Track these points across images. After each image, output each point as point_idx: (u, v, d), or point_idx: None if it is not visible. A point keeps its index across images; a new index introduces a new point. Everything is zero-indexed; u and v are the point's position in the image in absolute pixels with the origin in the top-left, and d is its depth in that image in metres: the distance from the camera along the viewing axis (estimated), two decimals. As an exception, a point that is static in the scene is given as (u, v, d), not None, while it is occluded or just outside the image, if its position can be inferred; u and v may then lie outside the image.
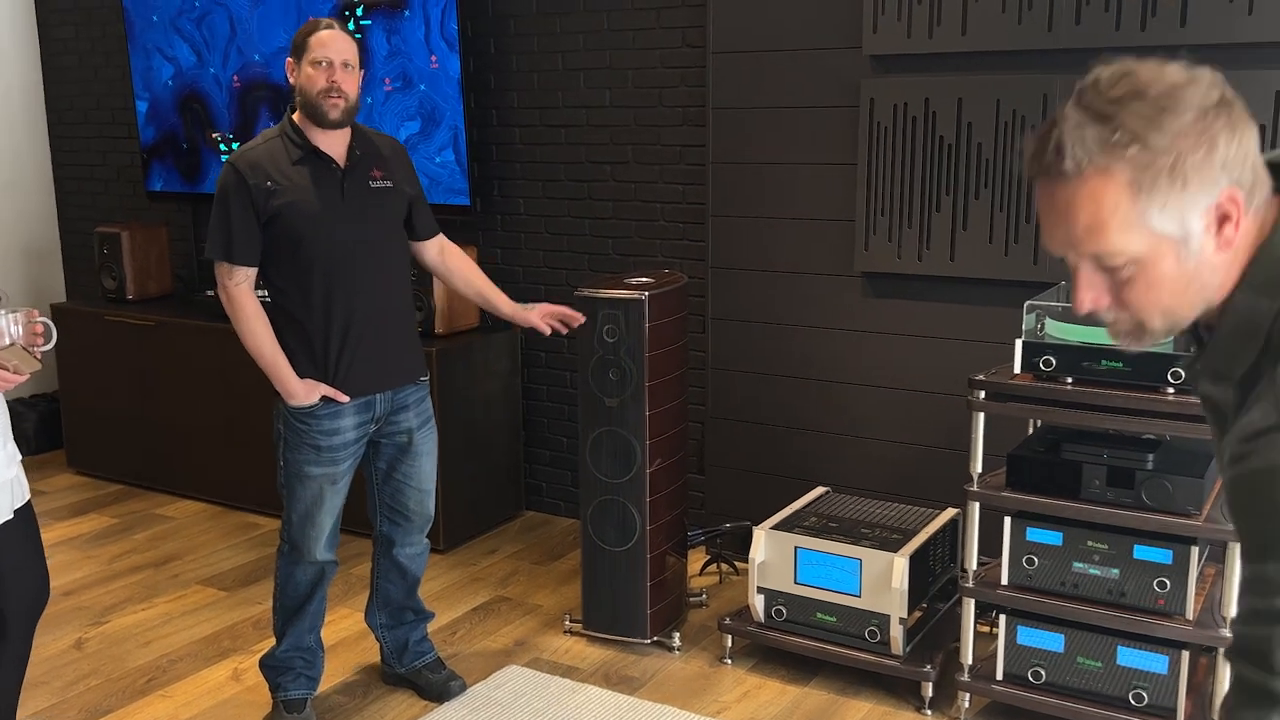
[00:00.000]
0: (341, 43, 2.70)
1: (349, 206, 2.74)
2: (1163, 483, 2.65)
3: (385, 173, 2.81)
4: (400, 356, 2.84)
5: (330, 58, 2.68)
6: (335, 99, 2.68)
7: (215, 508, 4.58)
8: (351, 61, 2.70)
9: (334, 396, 2.75)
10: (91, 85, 5.32)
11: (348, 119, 2.72)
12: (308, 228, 2.70)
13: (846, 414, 3.71)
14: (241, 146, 2.79)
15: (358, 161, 2.77)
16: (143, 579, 3.92)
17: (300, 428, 2.77)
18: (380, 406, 2.84)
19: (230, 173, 2.70)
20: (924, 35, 3.37)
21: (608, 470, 3.28)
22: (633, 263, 4.09)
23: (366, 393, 2.79)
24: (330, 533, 2.86)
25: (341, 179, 2.74)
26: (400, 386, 2.86)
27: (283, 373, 2.72)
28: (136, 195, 5.27)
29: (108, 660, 3.35)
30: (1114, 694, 2.76)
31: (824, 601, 3.12)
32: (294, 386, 2.72)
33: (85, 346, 4.87)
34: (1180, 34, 3.03)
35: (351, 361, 2.77)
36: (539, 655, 3.34)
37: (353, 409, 2.79)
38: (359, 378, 2.78)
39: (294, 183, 2.70)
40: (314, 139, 2.72)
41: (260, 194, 2.68)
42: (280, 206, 2.68)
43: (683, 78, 3.89)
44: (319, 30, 2.70)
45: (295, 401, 2.73)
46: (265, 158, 2.71)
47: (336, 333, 2.75)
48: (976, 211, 3.38)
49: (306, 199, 2.70)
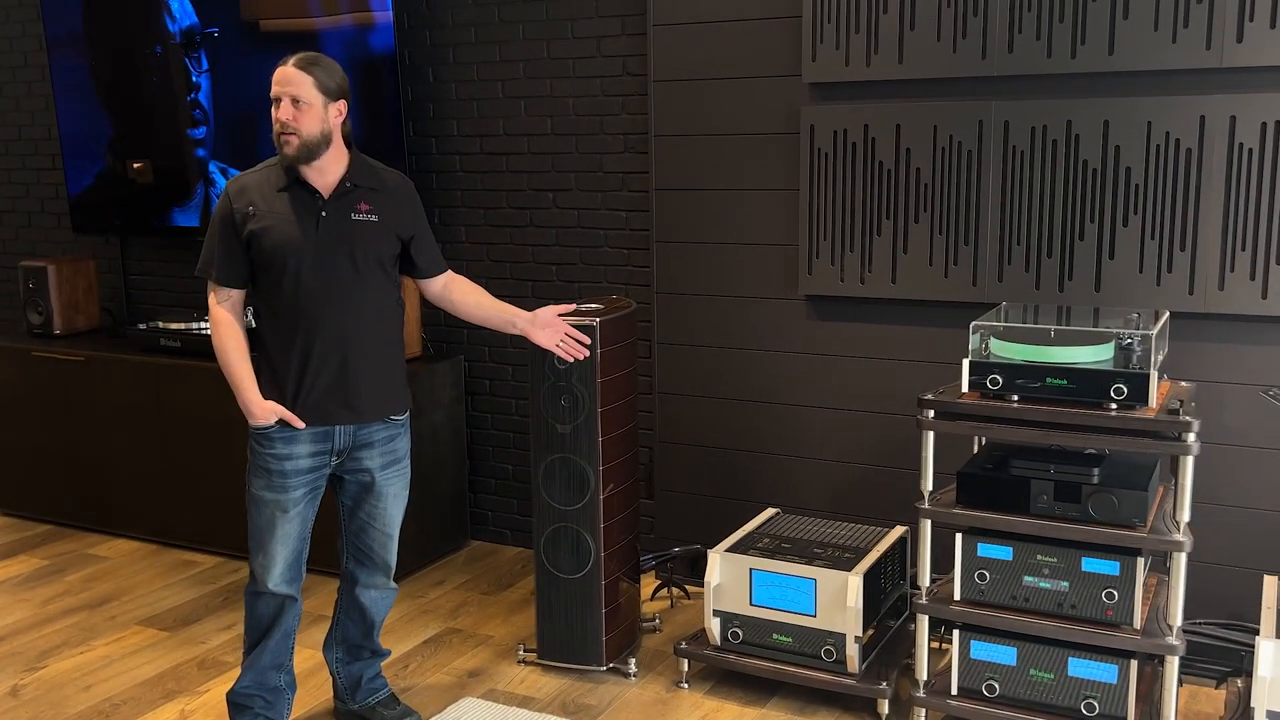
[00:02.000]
0: (293, 78, 2.69)
1: (323, 237, 2.74)
2: (1108, 496, 2.73)
3: (374, 207, 2.80)
4: (365, 392, 2.81)
5: (279, 95, 2.69)
6: (287, 135, 2.70)
7: (150, 546, 4.47)
8: (304, 96, 2.68)
9: (289, 420, 2.74)
10: (12, 116, 5.19)
11: (306, 154, 2.71)
12: (278, 254, 2.72)
13: (794, 435, 3.76)
14: (242, 171, 2.84)
15: (345, 194, 2.77)
16: (79, 621, 3.81)
17: (257, 449, 2.79)
18: (340, 439, 2.81)
19: (222, 196, 2.80)
20: (862, 63, 3.44)
21: (561, 497, 3.28)
22: (577, 289, 4.10)
23: (324, 423, 2.77)
24: (286, 564, 2.82)
25: (320, 210, 2.75)
26: (365, 423, 2.83)
27: (244, 390, 2.76)
28: (62, 228, 5.15)
29: (47, 706, 3.24)
30: (1066, 704, 2.82)
31: (780, 622, 3.15)
32: (253, 405, 2.75)
33: (10, 383, 4.73)
34: (1108, 61, 3.14)
35: (311, 389, 2.76)
36: (494, 686, 3.31)
37: (308, 436, 2.77)
38: (317, 407, 2.77)
39: (273, 209, 2.74)
40: (300, 169, 2.74)
41: (241, 217, 2.74)
42: (255, 230, 2.73)
43: (624, 105, 3.92)
44: (279, 67, 2.72)
45: (253, 421, 2.77)
46: (254, 184, 2.77)
47: (297, 359, 2.75)
48: (916, 235, 3.45)
49: (281, 225, 2.73)
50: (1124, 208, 3.19)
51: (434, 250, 2.97)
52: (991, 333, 2.93)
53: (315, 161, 2.74)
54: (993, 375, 2.83)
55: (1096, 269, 3.25)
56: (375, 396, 2.84)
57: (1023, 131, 3.27)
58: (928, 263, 3.45)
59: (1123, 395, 2.69)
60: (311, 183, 2.75)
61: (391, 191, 2.87)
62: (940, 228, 3.42)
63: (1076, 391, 2.75)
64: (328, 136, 2.73)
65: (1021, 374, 2.81)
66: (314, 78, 2.70)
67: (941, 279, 3.44)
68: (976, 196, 3.36)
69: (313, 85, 2.70)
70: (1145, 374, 2.68)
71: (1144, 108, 3.12)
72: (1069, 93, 3.23)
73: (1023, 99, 3.27)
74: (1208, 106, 3.05)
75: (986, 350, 2.91)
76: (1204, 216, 3.11)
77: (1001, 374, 2.82)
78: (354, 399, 2.80)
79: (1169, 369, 3.21)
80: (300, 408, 2.76)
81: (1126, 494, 2.71)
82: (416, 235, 2.90)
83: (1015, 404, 2.80)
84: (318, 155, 2.73)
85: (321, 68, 2.73)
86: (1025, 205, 3.31)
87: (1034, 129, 3.26)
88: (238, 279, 2.78)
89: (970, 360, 2.87)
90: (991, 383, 2.83)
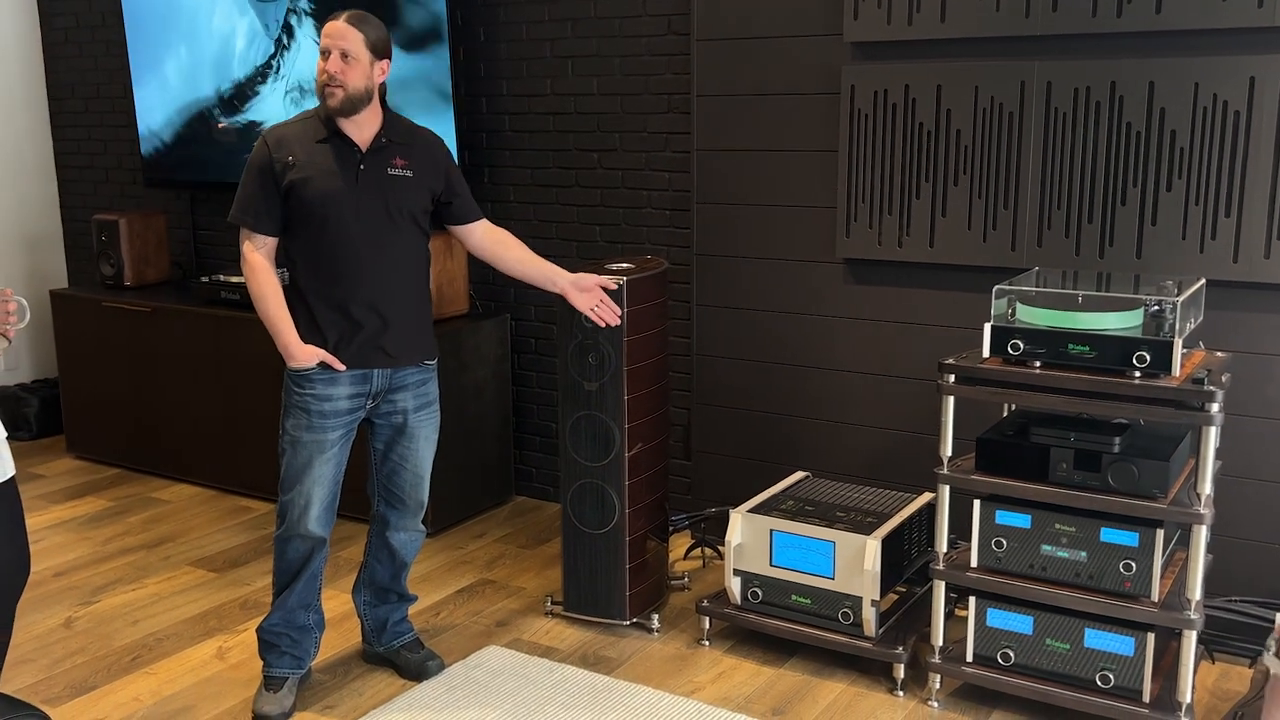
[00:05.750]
0: (344, 32, 2.77)
1: (363, 189, 2.82)
2: (1129, 466, 2.67)
3: (409, 162, 2.88)
4: (403, 338, 2.91)
5: (329, 47, 2.77)
6: (333, 88, 2.77)
7: (209, 491, 4.64)
8: (353, 51, 2.76)
9: (331, 364, 2.84)
10: (91, 74, 5.38)
11: (349, 107, 2.79)
12: (319, 204, 2.80)
13: (830, 399, 3.74)
14: (279, 122, 2.92)
15: (382, 148, 2.85)
16: (135, 560, 3.98)
17: (296, 391, 2.87)
18: (377, 383, 2.90)
19: (259, 145, 2.86)
20: (904, 22, 3.38)
21: (586, 454, 3.32)
22: (620, 249, 4.12)
23: (363, 367, 2.87)
24: (323, 507, 2.92)
25: (359, 163, 2.82)
26: (401, 367, 2.92)
27: (284, 333, 2.84)
28: (136, 183, 5.33)
29: (95, 639, 3.40)
30: (1082, 675, 2.78)
31: (799, 584, 3.15)
32: (294, 348, 2.83)
33: (83, 332, 4.93)
34: (1156, 20, 3.04)
35: (353, 336, 2.85)
36: (519, 636, 3.38)
37: (348, 379, 2.87)
38: (357, 352, 2.86)
39: (313, 160, 2.81)
40: (339, 122, 2.82)
41: (281, 167, 2.81)
42: (295, 181, 2.80)
43: (668, 65, 3.91)
44: (330, 20, 2.80)
45: (294, 363, 2.85)
46: (293, 134, 2.84)
47: (338, 307, 2.84)
48: (955, 198, 3.39)
49: (321, 177, 2.80)
50: (1168, 172, 3.10)
51: (469, 199, 3.05)
52: (1019, 297, 2.88)
53: (355, 116, 2.81)
54: (1014, 340, 2.78)
55: (1138, 235, 3.16)
56: (410, 342, 2.93)
57: (1065, 93, 3.19)
58: (966, 227, 3.39)
59: (1145, 363, 2.63)
60: (352, 135, 2.83)
61: (424, 148, 2.94)
62: (980, 191, 3.36)
63: (1099, 359, 2.69)
64: (370, 92, 2.81)
65: (1044, 340, 2.76)
66: (364, 34, 2.78)
67: (980, 243, 3.38)
68: (1017, 159, 3.29)
69: (362, 41, 2.77)
70: (1169, 341, 2.61)
71: (1191, 68, 3.01)
72: (1114, 53, 3.14)
73: (1066, 59, 3.19)
74: (1258, 67, 2.93)
75: (1013, 315, 2.86)
76: (1251, 182, 3.00)
77: (1023, 339, 2.77)
78: (391, 344, 2.89)
79: (1210, 339, 3.12)
80: (341, 353, 2.85)
81: (1147, 464, 2.65)
82: (449, 187, 2.98)
83: (1037, 370, 2.75)
84: (359, 110, 2.80)
85: (371, 25, 2.81)
86: (1066, 169, 3.23)
87: (1077, 90, 3.17)
88: (273, 227, 2.86)
89: (992, 325, 2.82)
90: (1013, 348, 2.78)
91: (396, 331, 2.89)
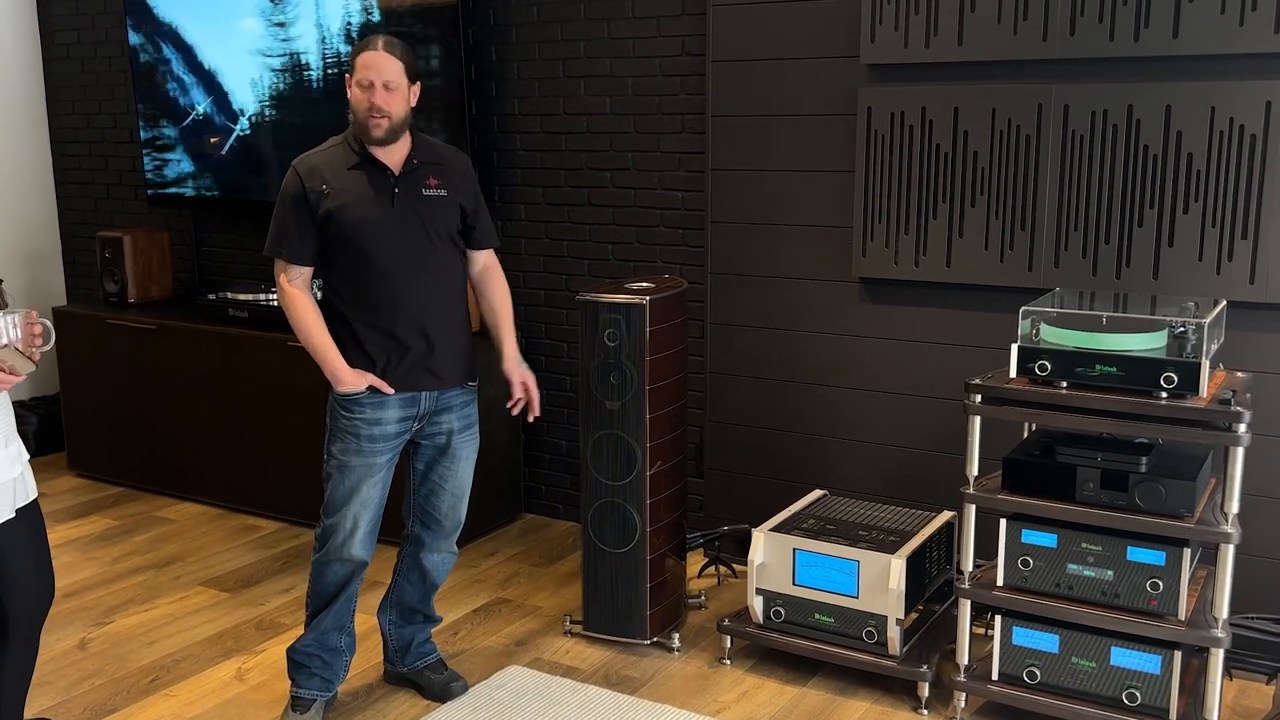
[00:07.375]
0: (384, 63, 2.75)
1: (400, 212, 2.82)
2: (1156, 485, 2.70)
3: (442, 181, 2.88)
4: (447, 359, 2.91)
5: (372, 79, 2.75)
6: (378, 119, 2.76)
7: (216, 510, 4.61)
8: (394, 81, 2.75)
9: (380, 387, 2.83)
10: (93, 90, 5.35)
11: (393, 136, 2.79)
12: (357, 231, 2.80)
13: (845, 418, 3.76)
14: (307, 151, 2.89)
15: (414, 170, 2.85)
16: (145, 580, 3.95)
17: (345, 416, 2.85)
18: (424, 404, 2.90)
19: (291, 176, 2.84)
20: (921, 45, 3.42)
21: (608, 473, 3.32)
22: (633, 268, 4.13)
23: (412, 389, 2.87)
24: (368, 530, 2.91)
25: (394, 186, 2.82)
26: (447, 388, 2.92)
27: (331, 359, 2.82)
28: (138, 199, 5.31)
29: (112, 660, 3.38)
30: (1108, 694, 2.80)
31: (822, 603, 3.16)
32: (342, 373, 2.82)
33: (86, 349, 4.90)
34: (1172, 44, 3.08)
35: (400, 359, 2.85)
36: (540, 656, 3.38)
37: (397, 402, 2.86)
38: (405, 374, 2.86)
39: (347, 188, 2.80)
40: (370, 148, 2.81)
41: (315, 196, 2.80)
42: (332, 209, 2.79)
43: (682, 86, 3.94)
44: (366, 50, 2.77)
45: (343, 388, 2.83)
46: (324, 163, 2.83)
47: (384, 331, 2.84)
48: (972, 219, 3.43)
49: (358, 204, 2.80)
50: (1185, 194, 3.14)
51: (489, 222, 3.05)
52: (1043, 318, 2.91)
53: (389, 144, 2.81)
54: (1041, 361, 2.81)
55: (1155, 256, 3.20)
56: (455, 362, 2.94)
57: (1082, 115, 3.23)
58: (983, 247, 3.42)
59: (1173, 384, 2.66)
60: (384, 160, 2.83)
61: (452, 166, 2.95)
62: (997, 212, 3.39)
63: (1126, 379, 2.72)
64: (409, 118, 2.82)
65: (1071, 360, 2.78)
66: (403, 62, 2.79)
67: (997, 264, 3.41)
68: (1034, 181, 3.33)
69: (401, 70, 2.78)
70: (1196, 363, 2.64)
71: (1208, 92, 3.06)
72: (1131, 76, 3.18)
73: (1083, 82, 3.23)
74: (1274, 91, 2.98)
75: (1037, 336, 2.89)
76: (1268, 204, 3.05)
77: (1050, 360, 2.80)
78: (438, 366, 2.89)
79: (1227, 360, 3.16)
80: (389, 377, 2.85)
81: (1174, 484, 2.68)
82: (476, 207, 2.99)
83: (1064, 390, 2.78)
84: (399, 136, 2.81)
85: (404, 50, 2.81)
86: (1083, 190, 3.27)
87: (1094, 113, 3.21)
88: (309, 257, 2.85)
89: (1019, 345, 2.85)
90: (1040, 369, 2.81)
91: (442, 353, 2.89)
